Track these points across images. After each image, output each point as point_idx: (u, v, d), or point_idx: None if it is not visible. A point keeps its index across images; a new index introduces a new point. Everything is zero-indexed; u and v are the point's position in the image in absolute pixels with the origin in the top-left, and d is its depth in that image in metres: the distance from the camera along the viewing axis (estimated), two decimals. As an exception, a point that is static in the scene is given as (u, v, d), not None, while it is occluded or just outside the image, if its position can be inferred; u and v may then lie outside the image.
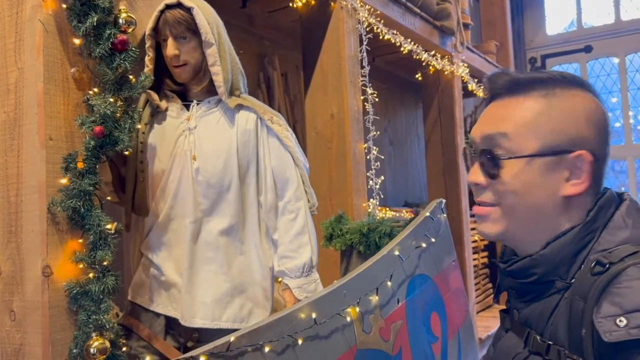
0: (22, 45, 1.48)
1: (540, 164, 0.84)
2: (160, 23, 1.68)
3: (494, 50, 4.96)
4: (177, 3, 1.68)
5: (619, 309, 0.72)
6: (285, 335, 1.18)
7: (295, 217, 1.78)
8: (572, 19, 6.90)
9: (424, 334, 1.60)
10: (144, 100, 1.76)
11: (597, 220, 0.83)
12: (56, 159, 1.46)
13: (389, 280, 1.51)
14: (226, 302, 1.71)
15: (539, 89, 0.86)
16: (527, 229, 0.87)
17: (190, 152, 1.70)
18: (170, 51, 1.68)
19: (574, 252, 0.83)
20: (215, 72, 1.70)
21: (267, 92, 3.30)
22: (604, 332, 0.71)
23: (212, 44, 1.68)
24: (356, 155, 2.68)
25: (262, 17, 3.33)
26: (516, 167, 0.85)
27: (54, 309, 1.43)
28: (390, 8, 3.09)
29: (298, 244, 1.77)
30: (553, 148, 0.83)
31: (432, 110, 4.09)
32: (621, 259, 0.76)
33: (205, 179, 1.70)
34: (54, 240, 1.45)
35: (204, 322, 1.69)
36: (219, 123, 1.74)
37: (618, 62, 6.43)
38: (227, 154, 1.72)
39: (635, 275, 0.73)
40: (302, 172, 1.84)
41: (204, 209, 1.71)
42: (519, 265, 0.88)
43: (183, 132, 1.73)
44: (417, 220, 1.70)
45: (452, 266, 1.84)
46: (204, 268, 1.70)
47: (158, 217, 1.73)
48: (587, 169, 0.83)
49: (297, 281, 1.76)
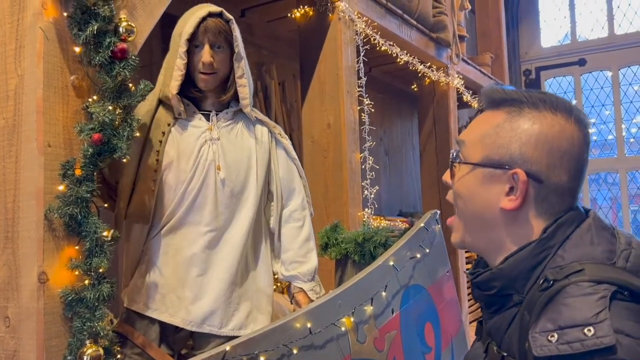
0: (22, 52, 1.49)
1: (480, 173, 0.89)
2: (200, 30, 1.68)
3: (489, 62, 5.00)
4: (219, 12, 1.72)
5: (553, 324, 0.73)
6: (280, 344, 1.19)
7: (302, 224, 1.88)
8: (566, 32, 6.97)
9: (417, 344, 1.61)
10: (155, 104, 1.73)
11: (555, 237, 0.84)
12: (54, 165, 1.47)
13: (383, 290, 1.52)
14: (233, 309, 1.73)
15: (508, 105, 0.89)
16: (477, 239, 0.92)
17: (215, 162, 1.72)
18: (206, 58, 1.69)
19: (529, 267, 0.84)
20: (242, 84, 1.75)
21: (264, 100, 3.32)
22: (535, 347, 0.73)
23: (243, 58, 1.75)
24: (352, 164, 2.69)
25: (261, 26, 3.36)
26: (463, 172, 0.92)
27: (49, 316, 1.43)
28: (387, 20, 3.12)
29: (306, 249, 1.86)
30: (493, 161, 0.87)
31: (427, 120, 4.11)
32: (566, 276, 0.77)
33: (229, 189, 1.73)
34: (50, 247, 1.45)
35: (211, 329, 1.71)
36: (239, 134, 1.79)
37: (611, 75, 6.49)
38: (248, 165, 1.77)
39: (573, 293, 0.75)
40: (305, 183, 1.93)
41: (225, 218, 1.73)
42: (482, 277, 0.90)
43: (206, 141, 1.73)
44: (412, 231, 1.72)
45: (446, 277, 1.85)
46: (216, 277, 1.71)
47: (168, 222, 1.71)
48: (521, 188, 0.84)
49: (310, 284, 1.85)
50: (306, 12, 2.75)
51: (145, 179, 1.68)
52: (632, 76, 6.43)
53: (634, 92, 6.43)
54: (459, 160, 0.92)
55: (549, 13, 7.09)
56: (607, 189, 6.50)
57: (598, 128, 6.61)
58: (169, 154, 1.70)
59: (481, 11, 5.43)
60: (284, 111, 3.47)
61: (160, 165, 1.69)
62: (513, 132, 0.86)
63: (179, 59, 1.67)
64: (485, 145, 0.88)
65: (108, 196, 1.73)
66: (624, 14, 6.58)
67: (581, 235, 0.83)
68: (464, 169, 0.91)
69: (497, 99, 0.91)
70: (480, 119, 0.93)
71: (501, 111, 0.89)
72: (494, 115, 0.90)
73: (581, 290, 0.74)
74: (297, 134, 3.44)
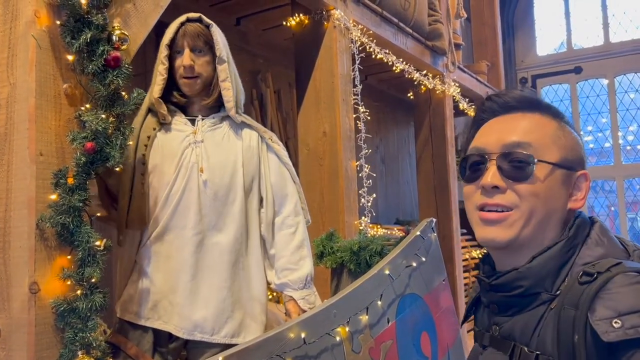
0: (14, 61, 1.48)
1: (560, 174, 0.91)
2: (179, 34, 1.73)
3: (485, 70, 5.02)
4: (198, 18, 1.75)
5: (613, 312, 0.77)
6: (274, 355, 1.17)
7: (294, 231, 1.83)
8: (562, 41, 7.00)
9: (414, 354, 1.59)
10: (144, 112, 1.77)
11: (577, 237, 0.90)
12: (46, 174, 1.46)
13: (379, 299, 1.50)
14: (226, 317, 1.71)
15: (545, 109, 0.94)
16: (534, 236, 0.91)
17: (197, 164, 1.72)
18: (186, 61, 1.71)
19: (558, 265, 0.88)
20: (226, 87, 1.76)
21: (259, 109, 3.32)
22: (602, 333, 0.76)
23: (225, 61, 1.76)
24: (348, 172, 2.68)
25: (256, 34, 3.36)
26: (544, 170, 0.90)
27: (41, 327, 1.41)
28: (382, 28, 3.13)
29: (299, 256, 1.81)
30: (568, 162, 0.91)
31: (423, 128, 4.11)
32: (607, 269, 0.81)
33: (212, 191, 1.72)
34: (42, 257, 1.43)
35: (202, 336, 1.69)
36: (225, 138, 1.78)
37: (607, 83, 6.51)
38: (233, 168, 1.75)
39: (623, 282, 0.79)
40: (299, 189, 1.90)
41: (209, 221, 1.72)
42: (505, 278, 0.91)
43: (189, 145, 1.74)
44: (408, 240, 1.70)
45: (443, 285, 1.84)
46: (207, 282, 1.70)
47: (155, 229, 1.72)
48: (585, 188, 0.92)
49: (301, 292, 1.79)
50: (301, 21, 2.75)
51: (137, 183, 1.70)
52: (628, 84, 6.46)
53: (630, 100, 6.45)
54: (537, 160, 0.90)
55: (545, 21, 7.12)
56: (604, 196, 6.50)
57: (594, 136, 6.63)
58: (154, 158, 1.73)
59: (477, 19, 5.45)
60: (279, 119, 3.47)
61: (147, 168, 1.71)
62: (570, 136, 0.93)
63: (160, 64, 1.73)
64: (560, 146, 0.92)
65: (111, 206, 1.74)
66: (619, 22, 6.61)
67: (598, 235, 0.90)
68: (545, 168, 0.90)
69: (533, 101, 0.95)
70: (523, 119, 0.94)
71: (546, 114, 0.94)
72: (541, 117, 0.93)
73: (630, 279, 0.79)
74: (293, 142, 3.44)
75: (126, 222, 1.71)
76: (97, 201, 1.67)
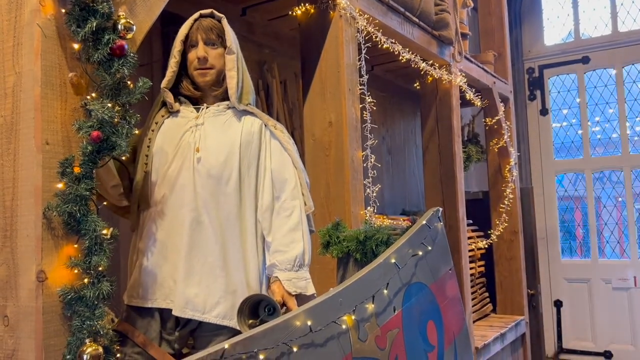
0: (20, 50, 1.48)
1: None
2: (193, 29, 1.84)
3: (492, 60, 4.97)
4: (210, 13, 1.87)
5: None
6: (280, 342, 1.18)
7: (290, 214, 1.82)
8: (569, 30, 6.93)
9: (420, 343, 1.59)
10: (158, 106, 1.87)
11: None
12: (52, 163, 1.46)
13: (385, 288, 1.50)
14: (219, 297, 1.72)
15: None
16: None
17: (195, 144, 1.78)
18: (200, 52, 1.81)
19: None
20: (230, 76, 1.83)
21: (265, 99, 3.31)
22: None
23: (234, 53, 1.84)
24: (354, 163, 2.67)
25: (262, 25, 3.35)
26: None
27: (48, 315, 1.42)
28: (389, 17, 3.10)
29: (291, 239, 1.79)
30: None
31: (430, 119, 4.09)
32: None
33: (205, 169, 1.75)
34: (49, 245, 1.44)
35: (193, 313, 1.70)
36: (226, 123, 1.84)
37: (615, 73, 6.45)
38: (229, 150, 1.79)
39: None
40: (301, 175, 1.88)
41: (203, 199, 1.74)
42: None
43: (190, 128, 1.82)
44: (414, 229, 1.70)
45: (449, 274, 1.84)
46: (200, 259, 1.72)
47: (155, 209, 1.78)
48: None
49: (287, 274, 1.75)
50: (307, 10, 2.73)
51: (141, 165, 1.78)
52: (637, 74, 6.39)
53: (638, 90, 6.39)
54: None
55: (552, 11, 7.04)
56: (611, 187, 6.46)
57: (602, 126, 6.57)
58: (157, 143, 1.81)
59: (484, 9, 5.40)
60: (285, 110, 3.46)
61: (151, 151, 1.80)
62: None
63: (172, 58, 1.83)
64: None
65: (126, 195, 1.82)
66: (627, 12, 6.54)
67: None
68: None
69: None
70: None
71: None
72: None
73: None
74: (298, 133, 3.43)
75: (138, 205, 1.78)
76: (120, 190, 1.76)
